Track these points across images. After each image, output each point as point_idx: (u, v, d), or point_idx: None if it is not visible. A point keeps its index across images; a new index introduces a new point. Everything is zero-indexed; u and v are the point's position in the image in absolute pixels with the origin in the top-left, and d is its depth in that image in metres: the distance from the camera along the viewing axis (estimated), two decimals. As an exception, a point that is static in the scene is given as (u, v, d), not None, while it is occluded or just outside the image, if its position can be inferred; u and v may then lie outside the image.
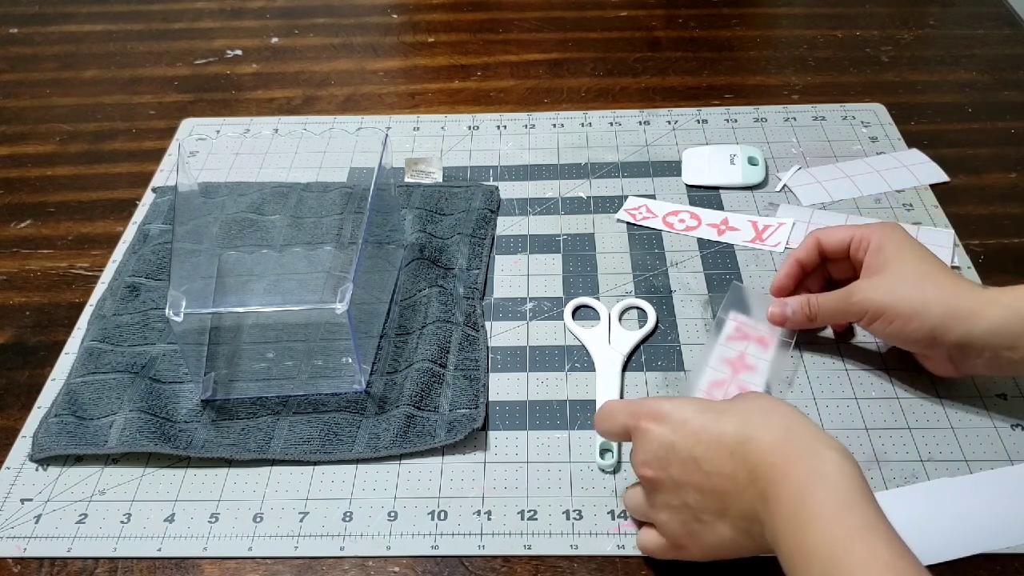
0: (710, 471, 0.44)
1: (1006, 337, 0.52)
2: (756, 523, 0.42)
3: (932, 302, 0.53)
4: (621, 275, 0.69)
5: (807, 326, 0.61)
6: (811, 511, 0.39)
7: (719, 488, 0.44)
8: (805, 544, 0.39)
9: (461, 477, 0.56)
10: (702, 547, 0.46)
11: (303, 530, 0.53)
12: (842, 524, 0.38)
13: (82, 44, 1.01)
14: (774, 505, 0.41)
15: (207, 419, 0.59)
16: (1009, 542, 0.51)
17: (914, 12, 1.01)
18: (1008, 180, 0.77)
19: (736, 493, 0.43)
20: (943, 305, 0.53)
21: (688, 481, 0.45)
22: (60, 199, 0.80)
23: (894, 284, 0.55)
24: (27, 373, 0.64)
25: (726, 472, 0.43)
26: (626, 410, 0.49)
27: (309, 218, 0.73)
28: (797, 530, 0.39)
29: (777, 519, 0.40)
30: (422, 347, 0.62)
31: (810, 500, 0.39)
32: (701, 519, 0.45)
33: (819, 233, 0.61)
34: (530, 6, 1.06)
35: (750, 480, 0.42)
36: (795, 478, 0.40)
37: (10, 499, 0.56)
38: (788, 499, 0.40)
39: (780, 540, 0.40)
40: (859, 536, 0.38)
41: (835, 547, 0.38)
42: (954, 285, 0.54)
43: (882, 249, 0.57)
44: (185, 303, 0.54)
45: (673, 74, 0.92)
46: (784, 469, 0.41)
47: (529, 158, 0.81)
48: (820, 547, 0.38)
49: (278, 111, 0.89)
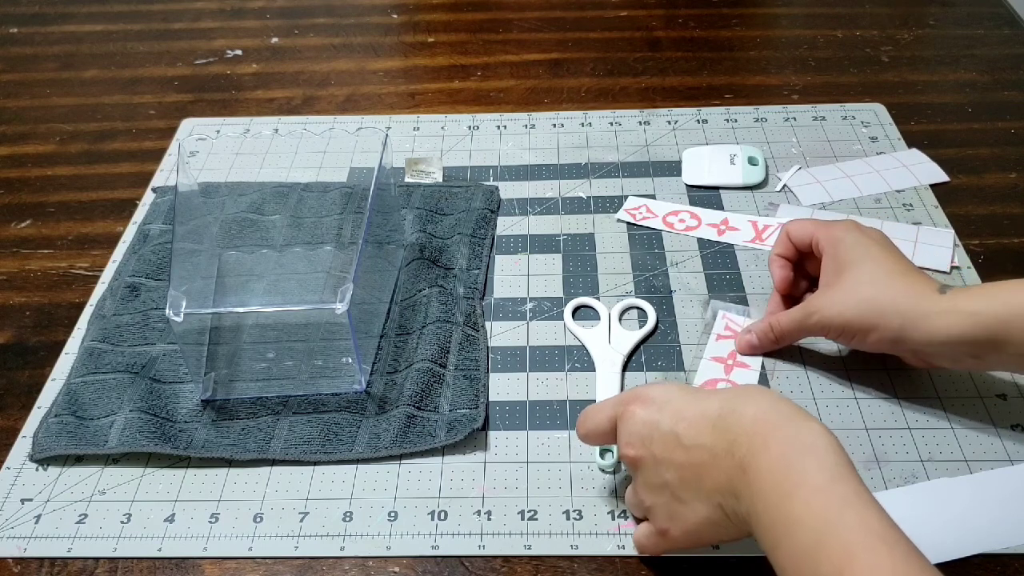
0: (690, 445, 0.44)
1: (968, 346, 0.51)
2: (731, 496, 0.42)
3: (888, 313, 0.52)
4: (621, 275, 0.69)
5: (776, 347, 0.61)
6: (795, 480, 0.39)
7: (696, 461, 0.44)
8: (790, 514, 0.38)
9: (461, 477, 0.56)
10: (683, 530, 0.46)
11: (303, 530, 0.53)
12: (830, 494, 0.38)
13: (82, 44, 1.01)
14: (754, 476, 0.40)
15: (207, 419, 0.59)
16: (1009, 542, 0.51)
17: (914, 12, 1.01)
18: (1008, 180, 0.77)
19: (713, 465, 0.43)
20: (899, 316, 0.52)
21: (668, 457, 0.45)
22: (60, 199, 0.80)
23: (848, 297, 0.54)
24: (27, 373, 0.64)
25: (706, 445, 0.43)
26: (612, 401, 0.49)
27: (309, 218, 0.73)
28: (781, 500, 0.39)
29: (756, 489, 0.40)
30: (422, 347, 0.62)
31: (794, 470, 0.39)
32: (680, 497, 0.45)
33: (788, 227, 0.61)
34: (530, 6, 1.06)
35: (728, 451, 0.42)
36: (776, 449, 0.40)
37: (10, 499, 0.56)
38: (769, 469, 0.40)
39: (760, 511, 0.40)
40: (849, 505, 0.37)
41: (825, 516, 0.37)
42: (911, 290, 0.52)
43: (836, 256, 0.56)
44: (185, 303, 0.54)
45: (673, 74, 0.92)
46: (765, 439, 0.41)
47: (529, 158, 0.81)
48: (807, 517, 0.38)
49: (278, 111, 0.89)
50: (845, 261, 0.55)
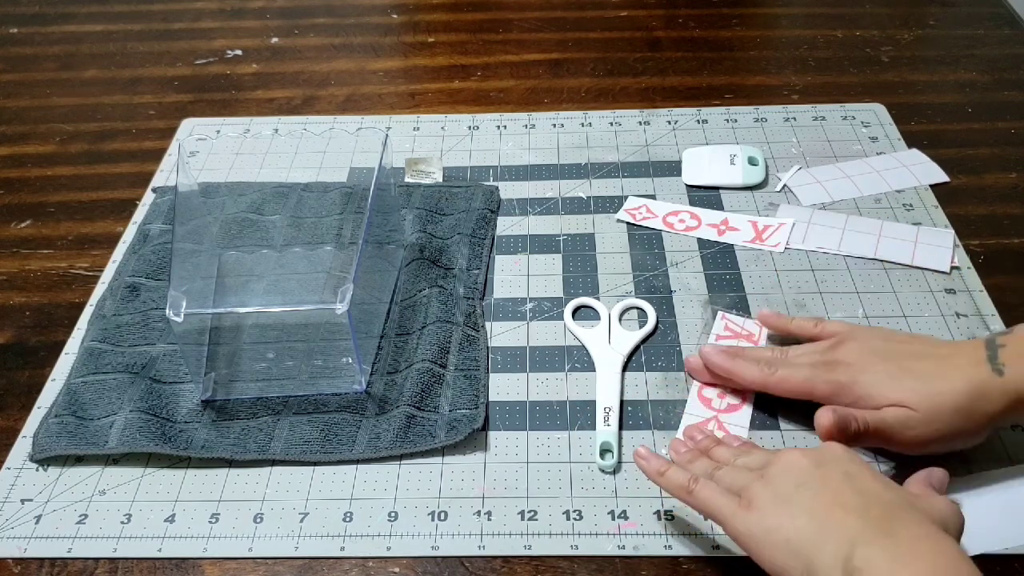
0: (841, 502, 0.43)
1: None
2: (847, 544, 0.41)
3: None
4: (621, 275, 0.69)
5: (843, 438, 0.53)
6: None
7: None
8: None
9: (461, 477, 0.56)
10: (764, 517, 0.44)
11: (303, 530, 0.53)
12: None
13: (82, 44, 1.01)
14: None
15: (207, 419, 0.59)
16: (1009, 542, 0.51)
17: (914, 12, 1.01)
18: (1008, 180, 0.77)
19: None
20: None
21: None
22: (60, 199, 0.80)
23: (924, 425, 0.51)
24: (27, 373, 0.64)
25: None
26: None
27: (309, 218, 0.73)
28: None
29: None
30: (422, 347, 0.62)
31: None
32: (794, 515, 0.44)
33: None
34: (530, 6, 1.06)
35: None
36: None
37: (10, 499, 0.56)
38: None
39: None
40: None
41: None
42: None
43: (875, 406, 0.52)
44: (185, 303, 0.54)
45: (673, 74, 0.92)
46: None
47: (529, 158, 0.81)
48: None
49: (278, 111, 0.89)
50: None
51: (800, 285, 0.67)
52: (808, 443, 0.56)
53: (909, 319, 0.64)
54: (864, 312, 0.64)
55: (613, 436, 0.57)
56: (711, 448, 0.53)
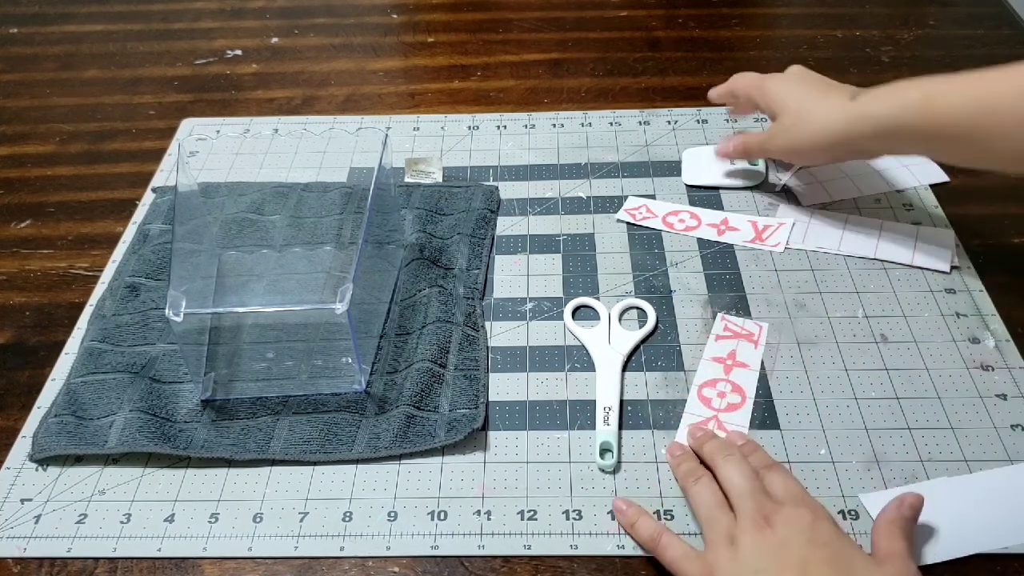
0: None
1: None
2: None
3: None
4: (621, 275, 0.69)
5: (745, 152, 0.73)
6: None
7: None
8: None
9: (461, 477, 0.56)
10: None
11: (303, 530, 0.53)
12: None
13: (82, 44, 1.01)
14: None
15: (207, 419, 0.59)
16: (1009, 542, 0.51)
17: (914, 12, 1.01)
18: (1008, 180, 0.77)
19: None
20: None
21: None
22: (60, 199, 0.80)
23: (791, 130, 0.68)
24: (27, 373, 0.64)
25: None
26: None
27: (309, 218, 0.74)
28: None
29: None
30: (422, 347, 0.62)
31: None
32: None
33: (734, 84, 0.76)
34: (530, 6, 1.06)
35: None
36: None
37: (10, 499, 0.56)
38: None
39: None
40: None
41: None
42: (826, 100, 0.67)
43: (769, 107, 0.70)
44: (185, 303, 0.54)
45: (673, 74, 0.92)
46: None
47: (529, 158, 0.81)
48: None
49: (278, 111, 0.89)
50: (776, 108, 0.69)
51: (800, 285, 0.67)
52: (808, 443, 0.56)
53: (909, 319, 0.64)
54: (864, 312, 0.64)
55: (613, 436, 0.57)
56: (704, 443, 0.55)
